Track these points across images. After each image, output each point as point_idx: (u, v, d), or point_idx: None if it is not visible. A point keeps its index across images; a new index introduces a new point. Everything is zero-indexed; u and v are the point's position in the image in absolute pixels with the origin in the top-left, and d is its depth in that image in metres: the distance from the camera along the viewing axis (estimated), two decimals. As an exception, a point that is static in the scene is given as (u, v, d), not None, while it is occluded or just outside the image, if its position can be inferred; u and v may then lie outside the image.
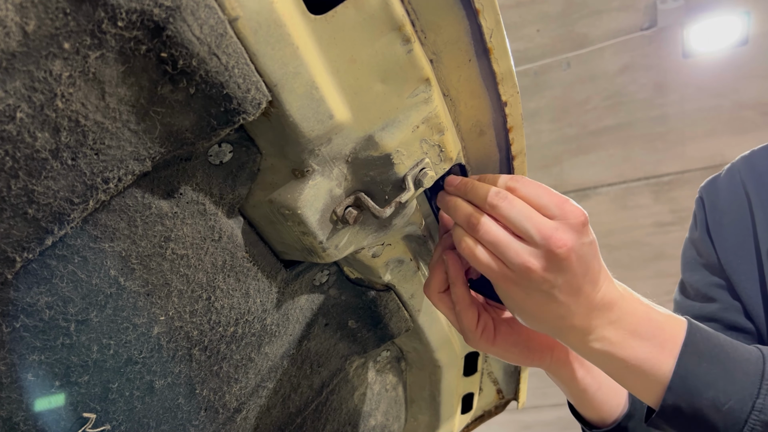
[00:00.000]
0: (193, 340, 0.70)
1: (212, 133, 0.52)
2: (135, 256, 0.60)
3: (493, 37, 0.61)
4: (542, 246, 0.59)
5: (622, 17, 3.23)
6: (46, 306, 0.55)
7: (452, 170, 0.74)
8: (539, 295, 0.61)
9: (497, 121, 0.73)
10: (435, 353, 1.05)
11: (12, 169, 0.44)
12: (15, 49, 0.40)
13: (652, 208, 3.99)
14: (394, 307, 0.90)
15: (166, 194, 0.59)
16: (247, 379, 0.81)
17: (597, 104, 3.57)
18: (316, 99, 0.55)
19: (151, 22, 0.43)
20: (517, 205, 0.61)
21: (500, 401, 1.49)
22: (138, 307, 0.62)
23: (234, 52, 0.47)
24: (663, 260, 4.27)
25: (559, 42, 3.35)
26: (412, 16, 0.59)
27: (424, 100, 0.62)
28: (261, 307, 0.76)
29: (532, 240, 0.60)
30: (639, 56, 3.36)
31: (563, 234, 0.59)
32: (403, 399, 1.23)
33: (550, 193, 0.63)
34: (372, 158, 0.63)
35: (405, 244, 0.83)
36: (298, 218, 0.63)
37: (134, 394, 0.67)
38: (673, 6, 3.12)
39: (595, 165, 3.85)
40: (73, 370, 0.60)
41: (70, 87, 0.44)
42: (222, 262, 0.68)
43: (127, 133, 0.49)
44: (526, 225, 0.60)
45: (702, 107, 3.52)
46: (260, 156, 0.63)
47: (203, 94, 0.49)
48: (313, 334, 0.88)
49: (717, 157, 3.68)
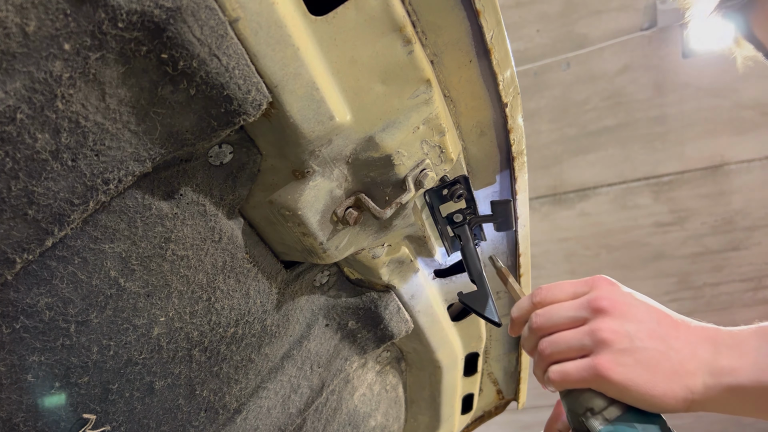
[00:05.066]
0: (193, 341, 0.70)
1: (213, 134, 0.52)
2: (135, 257, 0.59)
3: (493, 38, 0.61)
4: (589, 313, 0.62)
5: (622, 17, 3.23)
6: (46, 307, 0.54)
7: (457, 181, 0.73)
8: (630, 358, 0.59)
9: (498, 121, 0.73)
10: (435, 354, 1.05)
11: (12, 170, 0.44)
12: (15, 50, 0.40)
13: (651, 208, 3.99)
14: (394, 308, 0.90)
15: (166, 195, 0.59)
16: (247, 380, 0.81)
17: (597, 104, 3.57)
18: (317, 100, 0.55)
19: (151, 24, 0.43)
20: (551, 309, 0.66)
21: (500, 402, 1.49)
22: (138, 308, 0.62)
23: (234, 53, 0.47)
24: (663, 260, 4.27)
25: (559, 42, 3.35)
26: (413, 17, 0.59)
27: (424, 101, 0.62)
28: (261, 308, 0.76)
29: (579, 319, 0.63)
30: (639, 56, 3.36)
31: (597, 293, 0.63)
32: (403, 399, 1.23)
33: (568, 283, 0.67)
34: (372, 159, 0.63)
35: (405, 245, 0.83)
36: (298, 219, 0.63)
37: (134, 395, 0.67)
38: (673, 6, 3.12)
39: (594, 165, 3.85)
40: (73, 371, 0.60)
41: (70, 88, 0.43)
42: (222, 263, 0.68)
43: (128, 134, 0.49)
44: (566, 313, 0.64)
45: (701, 107, 3.52)
46: (260, 157, 0.63)
47: (204, 95, 0.49)
48: (313, 334, 0.88)
49: (716, 157, 3.68)
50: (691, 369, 0.58)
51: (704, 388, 0.58)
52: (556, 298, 0.67)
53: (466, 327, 1.09)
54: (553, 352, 0.64)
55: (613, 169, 3.88)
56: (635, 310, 0.61)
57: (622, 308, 0.61)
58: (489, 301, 0.76)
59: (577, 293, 0.66)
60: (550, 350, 0.64)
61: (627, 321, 0.60)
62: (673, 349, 0.59)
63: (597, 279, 0.65)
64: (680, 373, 0.58)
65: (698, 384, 0.58)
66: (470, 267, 0.79)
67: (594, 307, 0.62)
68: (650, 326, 0.60)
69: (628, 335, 0.60)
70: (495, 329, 1.22)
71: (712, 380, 0.57)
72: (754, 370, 0.56)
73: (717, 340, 0.59)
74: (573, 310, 0.64)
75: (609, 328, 0.60)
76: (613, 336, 0.60)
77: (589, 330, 0.61)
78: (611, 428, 0.59)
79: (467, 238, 0.79)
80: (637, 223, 4.10)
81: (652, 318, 0.61)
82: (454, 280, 0.97)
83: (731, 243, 4.12)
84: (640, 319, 0.61)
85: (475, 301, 0.77)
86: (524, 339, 0.69)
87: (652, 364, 0.58)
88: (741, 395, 0.57)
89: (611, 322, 0.61)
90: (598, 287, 0.64)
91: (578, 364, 0.61)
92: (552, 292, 0.68)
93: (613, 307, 0.61)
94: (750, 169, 3.71)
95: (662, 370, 0.58)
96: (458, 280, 0.98)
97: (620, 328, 0.60)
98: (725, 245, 4.14)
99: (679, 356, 0.59)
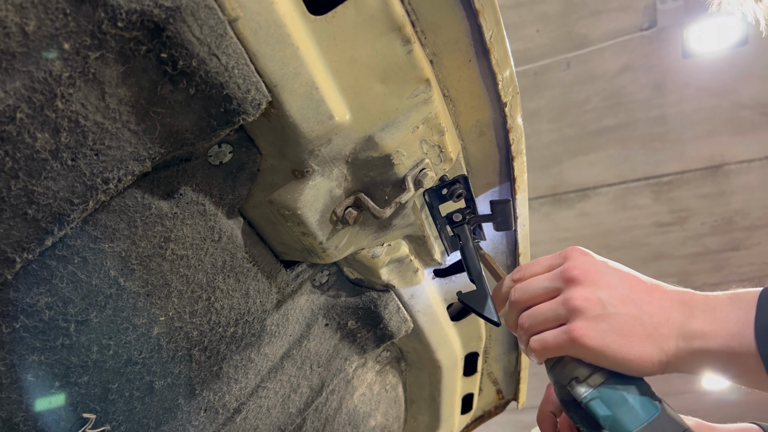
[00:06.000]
0: (192, 341, 0.70)
1: (212, 134, 0.52)
2: (135, 256, 0.59)
3: (493, 38, 0.61)
4: (562, 283, 0.64)
5: (622, 17, 3.23)
6: (45, 306, 0.54)
7: (456, 180, 0.73)
8: (604, 324, 0.60)
9: (497, 121, 0.73)
10: (435, 353, 1.05)
11: (12, 169, 0.44)
12: (15, 50, 0.40)
13: (651, 208, 3.99)
14: (393, 308, 0.90)
15: (166, 195, 0.59)
16: (247, 380, 0.81)
17: (596, 104, 3.57)
18: (316, 99, 0.55)
19: (151, 23, 0.43)
20: (527, 283, 0.68)
21: (500, 401, 1.49)
22: (138, 308, 0.62)
23: (234, 52, 0.47)
24: (662, 260, 4.27)
25: (558, 42, 3.35)
26: (412, 16, 0.59)
27: (424, 101, 0.62)
28: (261, 307, 0.76)
29: (554, 289, 0.65)
30: (639, 56, 3.36)
31: (570, 263, 0.65)
32: (402, 399, 1.23)
33: (544, 258, 0.69)
34: (372, 159, 0.63)
35: (405, 245, 0.83)
36: (298, 219, 0.63)
37: (134, 395, 0.67)
38: (672, 6, 3.12)
39: (594, 165, 3.85)
40: (73, 371, 0.60)
41: (70, 87, 0.43)
42: (222, 262, 0.68)
43: (127, 133, 0.49)
44: (541, 284, 0.66)
45: (701, 107, 3.52)
46: (260, 156, 0.63)
47: (203, 95, 0.49)
48: (312, 334, 0.88)
49: (716, 157, 3.69)
50: (665, 332, 0.59)
51: (676, 350, 0.59)
52: (533, 273, 0.69)
53: (466, 327, 1.09)
54: (531, 324, 0.66)
55: (613, 169, 3.88)
56: (608, 278, 0.63)
57: (593, 276, 0.63)
58: (488, 300, 0.76)
59: (552, 266, 0.67)
60: (529, 323, 0.66)
61: (599, 288, 0.62)
62: (646, 313, 0.60)
63: (570, 250, 0.67)
64: (654, 336, 0.59)
65: (671, 346, 0.59)
66: (469, 266, 0.79)
67: (566, 276, 0.64)
68: (623, 292, 0.61)
69: (601, 302, 0.61)
70: (494, 329, 1.22)
71: (684, 343, 0.59)
72: (723, 335, 0.57)
73: (691, 303, 0.60)
74: (547, 281, 0.66)
75: (581, 296, 0.62)
76: (586, 303, 0.61)
77: (562, 299, 0.63)
78: (595, 393, 0.61)
79: (466, 237, 0.79)
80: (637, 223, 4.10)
81: (624, 284, 0.62)
82: (454, 279, 0.98)
83: (731, 243, 4.12)
84: (613, 285, 0.62)
85: (475, 300, 0.77)
86: (506, 315, 0.72)
87: (626, 329, 0.60)
88: (710, 359, 0.58)
89: (583, 290, 0.62)
90: (571, 257, 0.66)
91: (555, 333, 0.63)
92: (530, 267, 0.70)
93: (584, 275, 0.63)
94: (750, 169, 3.71)
95: (636, 334, 0.59)
96: (458, 280, 0.98)
97: (592, 296, 0.61)
98: (725, 245, 4.14)
99: (652, 320, 0.60)
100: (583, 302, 0.61)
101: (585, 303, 0.61)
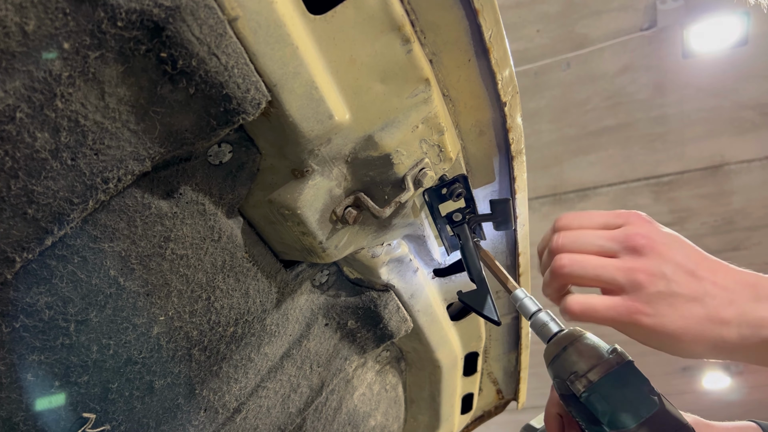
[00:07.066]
0: (192, 341, 0.70)
1: (212, 133, 0.52)
2: (135, 256, 0.60)
3: (492, 37, 0.62)
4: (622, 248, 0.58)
5: (622, 17, 3.23)
6: (45, 306, 0.55)
7: (456, 180, 0.73)
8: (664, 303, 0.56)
9: (497, 121, 0.73)
10: (435, 353, 1.05)
11: (12, 169, 0.44)
12: (15, 49, 0.40)
13: (651, 208, 3.99)
14: (393, 307, 0.90)
15: (165, 194, 0.59)
16: (246, 380, 0.81)
17: (597, 104, 3.57)
18: (316, 99, 0.55)
19: (150, 23, 0.43)
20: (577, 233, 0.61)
21: (500, 401, 1.49)
22: (138, 307, 0.62)
23: (233, 52, 0.47)
24: (663, 260, 4.27)
25: (559, 42, 3.35)
26: (412, 16, 0.59)
27: (423, 100, 0.62)
28: (261, 307, 0.76)
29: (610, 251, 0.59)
30: (639, 57, 3.36)
31: (635, 228, 0.59)
32: (402, 399, 1.23)
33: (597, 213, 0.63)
34: (372, 158, 0.63)
35: (405, 244, 0.83)
36: (297, 218, 0.63)
37: (134, 395, 0.67)
38: (672, 6, 3.12)
39: (594, 165, 3.85)
40: (73, 370, 0.60)
41: (69, 87, 0.44)
42: (222, 262, 0.68)
43: (127, 133, 0.49)
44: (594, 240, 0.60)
45: (702, 107, 3.52)
46: (260, 156, 0.63)
47: (203, 94, 0.49)
48: (312, 334, 0.88)
49: (716, 157, 3.69)
50: (727, 317, 0.55)
51: (739, 338, 0.55)
52: (583, 225, 0.62)
53: (466, 326, 1.09)
54: (572, 272, 0.60)
55: (613, 169, 3.88)
56: (674, 252, 0.58)
57: (660, 248, 0.58)
58: (488, 300, 0.76)
59: (609, 224, 0.61)
60: (569, 269, 0.60)
61: (664, 262, 0.57)
62: (709, 294, 0.56)
63: (632, 213, 0.61)
64: (714, 320, 0.55)
65: (732, 334, 0.55)
66: (470, 266, 0.79)
67: (630, 244, 0.58)
68: (688, 268, 0.57)
69: (665, 277, 0.56)
70: (495, 329, 1.22)
71: (749, 331, 0.54)
72: None
73: (758, 287, 0.56)
74: (603, 239, 0.60)
75: (645, 269, 0.57)
76: (650, 278, 0.56)
77: (623, 267, 0.58)
78: (595, 387, 0.60)
79: (466, 237, 0.79)
80: (638, 223, 4.10)
81: (690, 260, 0.58)
82: (454, 279, 0.97)
83: (731, 243, 4.12)
84: (678, 261, 0.57)
85: (475, 300, 0.77)
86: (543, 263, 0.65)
87: (685, 311, 0.56)
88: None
89: (648, 263, 0.57)
90: (634, 223, 0.60)
91: (608, 302, 0.58)
92: (579, 218, 0.63)
93: (651, 246, 0.58)
94: (750, 169, 3.71)
95: (696, 316, 0.55)
96: (457, 279, 0.98)
97: (657, 270, 0.57)
98: (725, 245, 4.14)
99: (714, 302, 0.56)
100: (647, 276, 0.56)
101: (649, 278, 0.56)
